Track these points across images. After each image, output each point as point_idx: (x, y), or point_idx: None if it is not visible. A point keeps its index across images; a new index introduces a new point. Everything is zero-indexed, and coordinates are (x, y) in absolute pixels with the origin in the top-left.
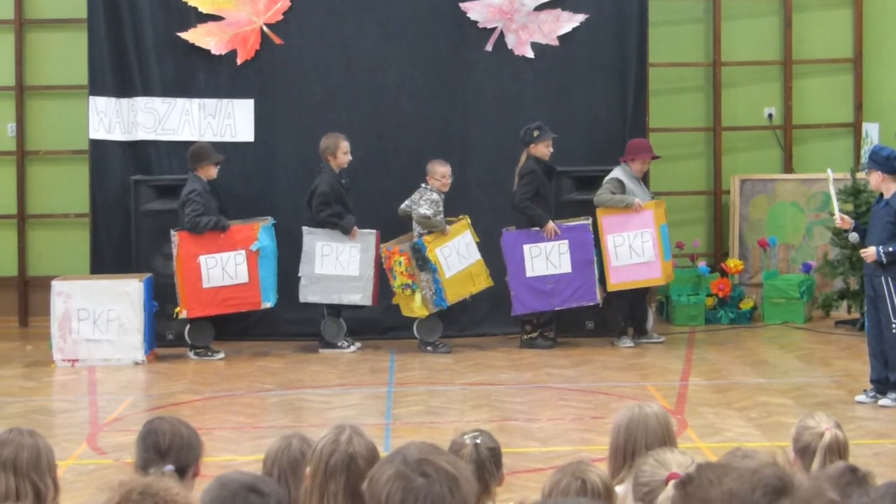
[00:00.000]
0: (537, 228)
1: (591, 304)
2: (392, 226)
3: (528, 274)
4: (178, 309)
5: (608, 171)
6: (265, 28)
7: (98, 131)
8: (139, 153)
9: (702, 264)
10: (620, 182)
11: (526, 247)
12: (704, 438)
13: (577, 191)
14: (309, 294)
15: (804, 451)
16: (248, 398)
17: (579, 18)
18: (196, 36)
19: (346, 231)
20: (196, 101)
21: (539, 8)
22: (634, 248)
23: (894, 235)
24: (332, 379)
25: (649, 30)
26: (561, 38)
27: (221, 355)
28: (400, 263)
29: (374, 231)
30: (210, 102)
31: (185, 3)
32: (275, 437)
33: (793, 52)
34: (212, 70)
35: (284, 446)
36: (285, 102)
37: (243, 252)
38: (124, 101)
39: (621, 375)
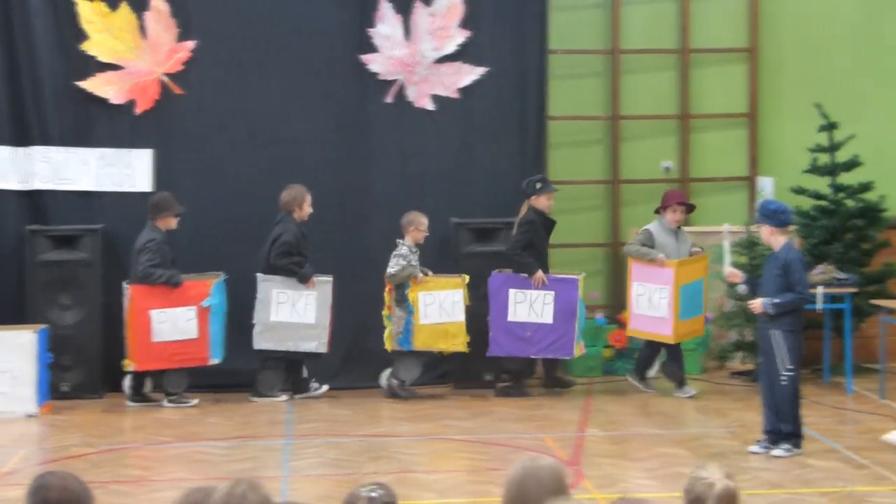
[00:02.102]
0: (526, 275)
1: (567, 357)
2: None
3: (510, 318)
4: (126, 361)
5: (509, 223)
6: (165, 78)
7: None
8: (35, 203)
9: (599, 316)
10: (650, 233)
11: (512, 291)
12: (601, 489)
13: (476, 242)
14: (263, 341)
15: (696, 502)
16: (144, 451)
17: (480, 71)
18: (95, 85)
19: (304, 280)
20: (94, 150)
21: (440, 60)
22: (653, 302)
23: (783, 288)
24: (230, 431)
25: (549, 83)
26: (462, 90)
27: (196, 402)
28: (388, 293)
29: (330, 278)
30: (108, 152)
31: (84, 51)
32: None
33: (690, 106)
34: (110, 119)
35: (184, 497)
36: (185, 153)
37: (194, 308)
38: (20, 149)
39: (518, 427)
